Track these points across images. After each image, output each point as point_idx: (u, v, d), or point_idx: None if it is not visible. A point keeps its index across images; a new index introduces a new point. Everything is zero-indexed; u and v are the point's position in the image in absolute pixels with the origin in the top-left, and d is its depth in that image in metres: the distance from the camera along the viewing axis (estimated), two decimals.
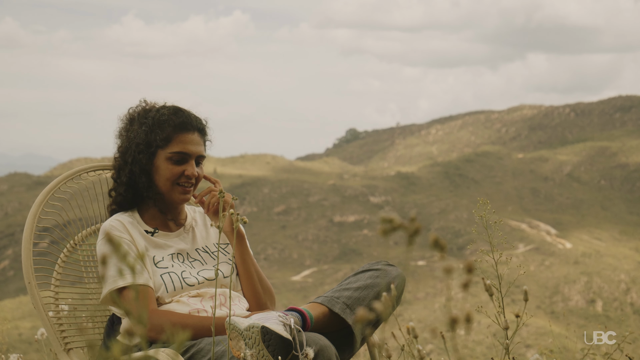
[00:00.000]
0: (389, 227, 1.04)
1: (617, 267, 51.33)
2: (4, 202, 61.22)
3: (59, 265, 2.84)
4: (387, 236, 1.04)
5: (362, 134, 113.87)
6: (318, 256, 55.71)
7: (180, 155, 2.69)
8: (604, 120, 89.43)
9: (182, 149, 2.70)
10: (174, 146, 2.69)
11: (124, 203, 2.75)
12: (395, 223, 1.04)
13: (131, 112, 2.77)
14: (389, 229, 1.04)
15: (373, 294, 2.55)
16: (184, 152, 2.70)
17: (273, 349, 2.27)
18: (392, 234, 1.05)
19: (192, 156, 2.72)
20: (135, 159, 2.70)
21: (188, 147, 2.70)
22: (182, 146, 2.70)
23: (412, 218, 1.04)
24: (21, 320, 36.12)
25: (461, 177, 69.74)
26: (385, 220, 1.04)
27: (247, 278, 2.77)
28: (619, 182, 69.13)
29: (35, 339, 3.29)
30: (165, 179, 2.70)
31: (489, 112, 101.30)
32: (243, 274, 2.77)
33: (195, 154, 2.72)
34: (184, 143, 2.70)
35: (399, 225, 1.04)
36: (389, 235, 1.04)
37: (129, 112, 2.77)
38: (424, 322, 41.16)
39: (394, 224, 1.04)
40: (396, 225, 1.04)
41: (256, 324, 2.28)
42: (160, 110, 2.75)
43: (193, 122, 2.74)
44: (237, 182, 64.20)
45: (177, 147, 2.69)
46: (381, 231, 1.04)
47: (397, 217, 1.05)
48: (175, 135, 2.70)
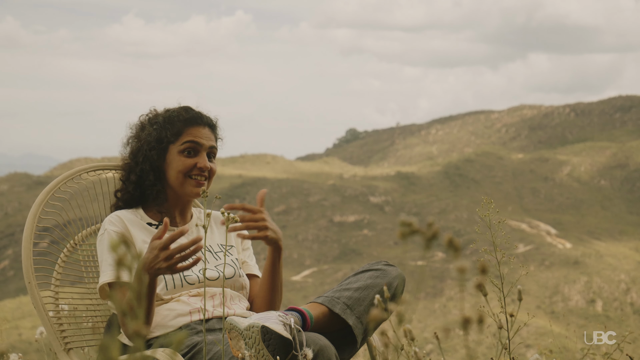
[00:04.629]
0: (408, 231, 1.04)
1: (617, 267, 51.31)
2: (4, 202, 61.19)
3: (59, 265, 2.84)
4: (405, 239, 1.05)
5: (362, 134, 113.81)
6: (318, 256, 55.69)
7: (192, 144, 2.71)
8: (604, 120, 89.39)
9: (194, 138, 2.72)
10: (185, 137, 2.72)
11: (130, 201, 2.76)
12: (413, 227, 1.04)
13: (142, 119, 2.81)
14: (408, 232, 1.04)
15: (373, 294, 2.55)
16: (195, 141, 2.72)
17: (273, 349, 2.27)
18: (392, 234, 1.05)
19: (204, 147, 2.74)
20: (147, 156, 2.72)
21: (199, 139, 2.73)
22: (193, 137, 2.72)
23: (430, 223, 1.04)
24: (21, 320, 36.10)
25: (461, 177, 69.71)
26: (404, 224, 1.05)
27: (269, 289, 2.73)
28: (619, 182, 69.10)
29: (35, 339, 3.29)
30: (178, 172, 2.71)
31: (489, 112, 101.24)
32: (267, 284, 2.72)
33: (206, 146, 2.74)
34: (195, 135, 2.73)
35: (417, 229, 1.05)
36: (407, 238, 1.05)
37: (139, 119, 2.81)
38: (423, 322, 41.14)
39: (412, 228, 1.04)
40: (414, 229, 1.05)
41: (256, 323, 2.28)
42: (170, 109, 2.79)
43: (203, 118, 2.78)
44: (237, 182, 64.17)
45: (188, 137, 2.72)
46: (400, 234, 1.05)
47: (416, 221, 1.06)
48: (185, 129, 2.73)
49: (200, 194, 2.72)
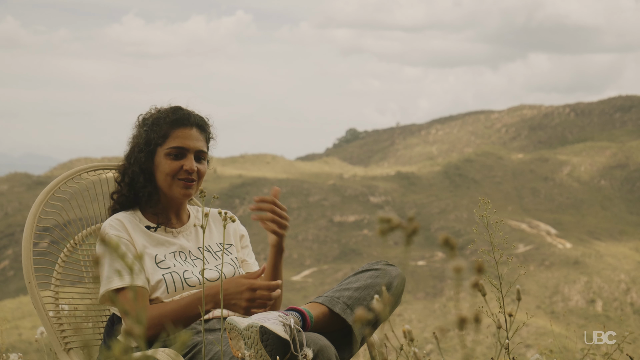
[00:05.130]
0: (387, 227, 1.04)
1: (617, 267, 51.32)
2: (4, 202, 61.20)
3: (59, 265, 2.84)
4: (385, 236, 1.04)
5: (362, 134, 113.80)
6: (318, 256, 55.69)
7: (177, 150, 2.70)
8: (604, 120, 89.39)
9: (179, 143, 2.70)
10: (171, 141, 2.70)
11: (126, 203, 2.75)
12: (393, 223, 1.04)
13: (140, 118, 2.79)
14: (387, 228, 1.04)
15: (373, 294, 2.55)
16: (181, 146, 2.70)
17: (271, 349, 2.27)
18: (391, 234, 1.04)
19: (191, 151, 2.71)
20: (136, 158, 2.71)
21: (185, 142, 2.71)
22: (179, 141, 2.70)
23: (410, 217, 1.03)
24: (21, 320, 36.11)
25: (461, 177, 69.71)
26: (383, 220, 1.04)
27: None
28: (619, 182, 69.11)
29: (35, 339, 3.29)
30: (165, 175, 2.70)
31: (489, 112, 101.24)
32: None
33: (193, 149, 2.71)
34: (181, 138, 2.71)
35: (397, 225, 1.04)
36: (387, 235, 1.04)
37: (138, 118, 2.79)
38: (423, 322, 41.14)
39: (391, 224, 1.04)
40: (394, 225, 1.04)
41: (255, 323, 2.28)
42: (160, 110, 2.77)
43: (191, 118, 2.74)
44: (237, 182, 64.17)
45: (174, 142, 2.70)
46: (379, 231, 1.04)
47: (395, 217, 1.05)
48: (172, 131, 2.71)
49: (188, 197, 2.73)
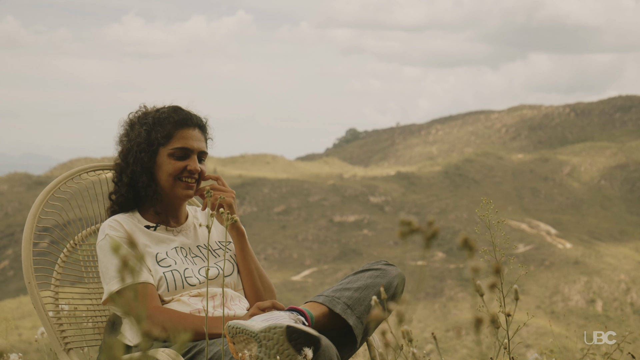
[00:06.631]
0: (407, 230, 1.04)
1: (617, 267, 51.33)
2: (4, 202, 61.20)
3: (59, 265, 2.84)
4: (405, 239, 1.05)
5: (362, 134, 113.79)
6: (318, 256, 55.69)
7: (182, 150, 2.71)
8: (604, 120, 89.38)
9: (184, 144, 2.71)
10: (176, 142, 2.71)
11: (125, 204, 2.75)
12: (413, 226, 1.04)
13: (131, 117, 2.79)
14: (408, 231, 1.04)
15: (373, 294, 2.55)
16: (185, 147, 2.71)
17: (300, 348, 2.25)
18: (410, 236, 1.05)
19: (194, 151, 2.73)
20: (137, 158, 2.71)
21: (189, 143, 2.72)
22: (183, 142, 2.72)
23: (430, 222, 1.04)
24: (21, 320, 36.10)
25: (461, 177, 69.71)
26: (404, 223, 1.04)
27: (247, 274, 2.78)
28: (619, 182, 69.11)
29: (35, 339, 3.29)
30: (168, 175, 2.70)
31: (489, 112, 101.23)
32: (243, 270, 2.78)
33: (197, 150, 2.74)
34: (185, 139, 2.72)
35: (417, 228, 1.04)
36: (407, 237, 1.05)
37: (129, 117, 2.79)
38: (423, 323, 41.15)
39: (412, 227, 1.04)
40: (414, 228, 1.04)
41: (279, 324, 2.26)
42: (159, 109, 2.77)
43: (193, 119, 2.76)
44: (237, 182, 64.17)
45: (179, 142, 2.71)
46: (399, 233, 1.04)
47: (416, 220, 1.05)
48: (176, 132, 2.72)
49: (190, 197, 2.74)
